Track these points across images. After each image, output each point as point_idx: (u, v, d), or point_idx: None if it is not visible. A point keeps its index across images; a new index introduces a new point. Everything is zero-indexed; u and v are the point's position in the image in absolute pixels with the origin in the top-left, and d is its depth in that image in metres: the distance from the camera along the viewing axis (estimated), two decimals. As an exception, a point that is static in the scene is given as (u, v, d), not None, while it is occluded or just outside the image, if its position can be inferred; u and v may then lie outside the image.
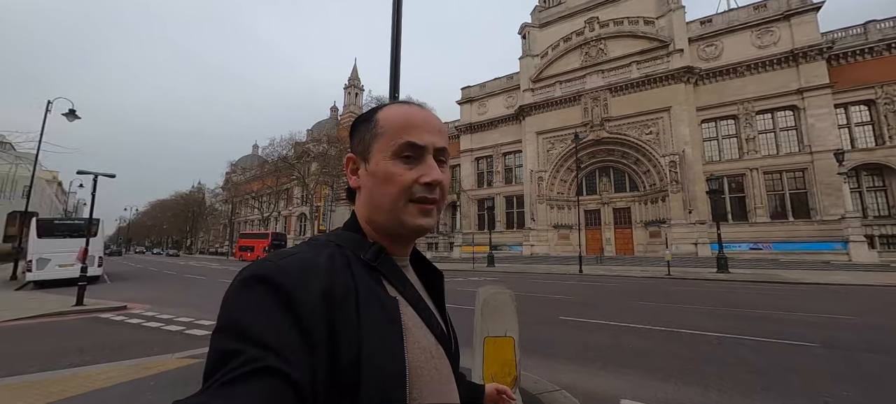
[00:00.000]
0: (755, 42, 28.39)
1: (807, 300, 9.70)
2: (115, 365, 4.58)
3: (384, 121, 0.63)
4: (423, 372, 0.55)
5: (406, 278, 0.63)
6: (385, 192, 0.60)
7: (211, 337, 0.44)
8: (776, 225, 26.44)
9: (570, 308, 8.58)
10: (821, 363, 4.58)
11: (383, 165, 0.61)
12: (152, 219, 77.26)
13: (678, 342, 5.61)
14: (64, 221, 17.71)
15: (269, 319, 0.44)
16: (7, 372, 4.29)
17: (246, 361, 0.40)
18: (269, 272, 0.47)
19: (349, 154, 0.66)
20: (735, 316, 7.55)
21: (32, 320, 7.80)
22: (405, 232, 0.62)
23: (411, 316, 0.58)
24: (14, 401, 3.38)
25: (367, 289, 0.54)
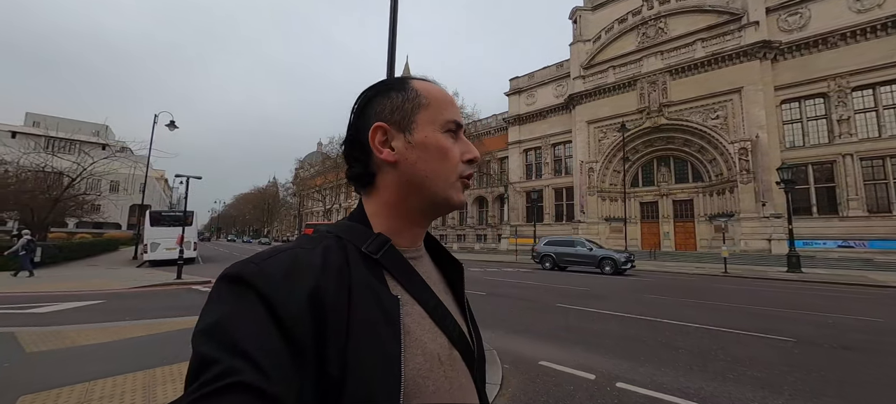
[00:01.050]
0: (853, 6, 24.73)
1: (865, 305, 9.12)
2: (197, 318, 6.45)
3: (426, 93, 0.59)
4: (428, 382, 0.49)
5: (415, 271, 0.57)
6: (439, 167, 0.57)
7: (192, 335, 0.42)
8: (874, 220, 23.14)
9: (576, 298, 9.13)
10: (782, 356, 4.88)
11: (435, 138, 0.58)
12: (237, 211, 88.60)
13: (652, 329, 6.08)
14: (169, 213, 21.84)
15: (248, 326, 0.41)
16: (138, 317, 6.48)
17: (222, 373, 0.37)
18: (249, 274, 0.45)
19: (379, 123, 0.58)
20: (743, 313, 7.60)
21: (150, 288, 10.55)
22: (447, 207, 0.59)
23: (418, 316, 0.53)
24: (142, 331, 5.25)
25: (362, 285, 0.49)
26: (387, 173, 0.58)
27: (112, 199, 35.60)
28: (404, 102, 0.58)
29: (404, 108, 0.58)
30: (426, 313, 0.54)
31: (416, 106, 0.58)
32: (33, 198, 19.25)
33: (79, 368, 3.79)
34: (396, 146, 0.57)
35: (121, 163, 23.49)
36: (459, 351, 0.56)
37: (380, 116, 0.58)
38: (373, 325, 0.47)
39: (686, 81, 29.01)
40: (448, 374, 0.53)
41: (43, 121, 44.54)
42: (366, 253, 0.53)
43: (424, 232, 0.63)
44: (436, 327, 0.54)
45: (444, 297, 0.60)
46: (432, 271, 0.62)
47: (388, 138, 0.57)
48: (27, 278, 11.71)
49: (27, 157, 22.66)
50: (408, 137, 0.57)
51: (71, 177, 21.45)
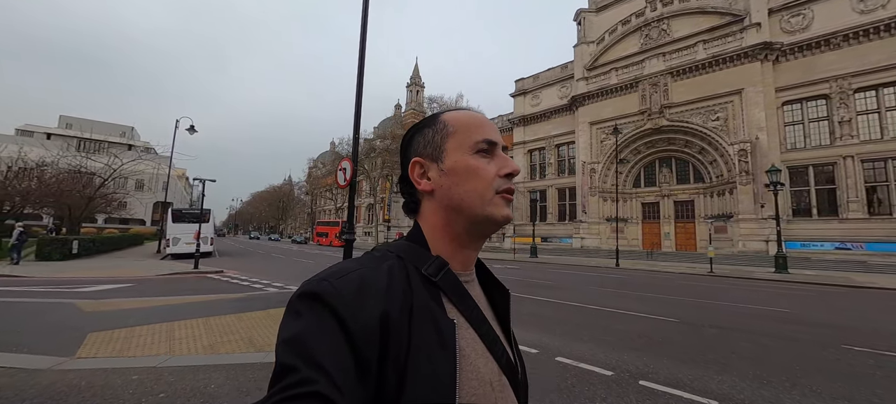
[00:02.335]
0: (856, 7, 24.83)
1: (791, 300, 10.09)
2: (207, 296, 8.05)
3: (453, 121, 0.64)
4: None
5: (469, 296, 0.59)
6: (472, 187, 0.60)
7: (276, 345, 0.46)
8: (874, 222, 23.33)
9: (537, 290, 10.41)
10: (654, 330, 6.09)
11: (465, 160, 0.61)
12: (253, 208, 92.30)
13: (581, 314, 7.34)
14: (189, 211, 23.94)
15: (324, 341, 0.45)
16: (162, 294, 8.14)
17: (300, 381, 0.41)
18: (325, 292, 0.48)
19: (415, 158, 0.64)
20: (665, 303, 8.74)
21: (171, 276, 12.43)
22: (491, 225, 0.62)
23: (472, 340, 0.55)
24: (164, 303, 6.87)
25: (422, 307, 0.52)
26: (428, 201, 0.64)
27: (137, 197, 38.44)
28: (434, 135, 0.64)
29: (434, 141, 0.64)
30: (479, 337, 0.56)
31: (445, 135, 0.63)
32: (70, 197, 21.61)
33: (123, 320, 5.42)
34: (432, 176, 0.63)
35: (146, 164, 25.82)
36: (507, 377, 0.58)
37: (415, 152, 0.65)
38: (430, 347, 0.50)
39: (687, 83, 29.51)
40: (498, 400, 0.54)
41: (75, 123, 48.07)
42: (426, 275, 0.57)
43: (476, 256, 0.66)
44: (487, 352, 0.56)
45: (492, 323, 0.62)
46: (481, 296, 0.65)
47: (425, 170, 0.63)
48: (14, 265, 13.17)
49: (64, 159, 25.22)
50: (440, 166, 0.62)
51: (102, 178, 23.79)
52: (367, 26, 6.67)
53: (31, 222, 30.87)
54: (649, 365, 4.28)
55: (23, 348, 4.24)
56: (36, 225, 32.28)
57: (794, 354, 4.82)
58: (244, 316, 6.01)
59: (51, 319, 5.69)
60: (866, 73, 24.13)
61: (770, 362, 4.48)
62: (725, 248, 27.20)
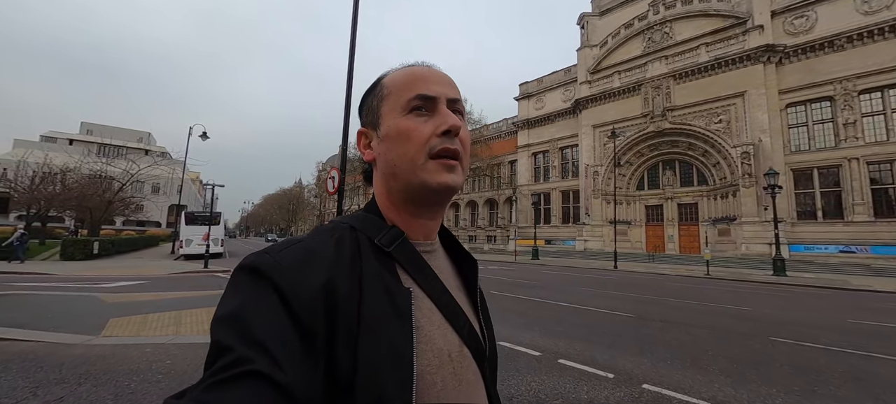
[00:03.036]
0: (860, 8, 24.85)
1: (765, 300, 10.59)
2: (213, 291, 9.05)
3: (389, 82, 0.61)
4: (437, 377, 0.50)
5: (427, 265, 0.57)
6: (402, 151, 0.56)
7: (210, 323, 0.44)
8: (880, 224, 23.26)
9: (520, 289, 11.14)
10: (608, 324, 6.77)
11: (396, 123, 0.57)
12: (264, 211, 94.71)
13: (546, 309, 8.05)
14: (201, 213, 25.30)
15: (263, 316, 0.42)
16: (173, 290, 9.14)
17: (236, 361, 0.39)
18: (264, 265, 0.46)
19: (360, 129, 0.63)
20: (639, 302, 9.36)
21: (182, 274, 13.58)
22: (428, 193, 0.57)
23: (428, 310, 0.53)
24: (175, 296, 7.85)
25: (374, 277, 0.50)
26: (375, 171, 0.62)
27: (153, 200, 40.29)
28: (373, 100, 0.62)
29: (373, 107, 0.61)
30: (437, 308, 0.55)
31: (380, 99, 0.60)
32: (91, 201, 23.14)
33: (138, 309, 6.41)
34: (374, 145, 0.61)
35: (162, 169, 27.35)
36: (470, 349, 0.56)
37: (362, 121, 0.64)
38: (383, 318, 0.48)
39: (690, 85, 29.75)
40: (457, 371, 0.52)
41: (95, 129, 50.51)
42: (378, 245, 0.54)
43: (436, 224, 0.64)
44: (446, 323, 0.55)
45: (457, 293, 0.60)
46: (446, 266, 0.63)
47: (368, 139, 0.62)
48: (18, 264, 14.40)
49: (86, 164, 26.90)
50: (378, 133, 0.60)
51: (121, 183, 25.33)
52: (355, 44, 7.52)
53: (54, 224, 32.82)
54: (576, 349, 5.02)
55: (59, 330, 5.20)
56: (59, 226, 34.26)
57: (716, 343, 5.48)
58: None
59: (79, 308, 6.70)
60: (871, 75, 24.11)
61: (688, 348, 5.16)
62: (729, 251, 27.35)
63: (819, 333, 6.22)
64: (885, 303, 10.19)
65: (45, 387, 3.38)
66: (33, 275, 11.67)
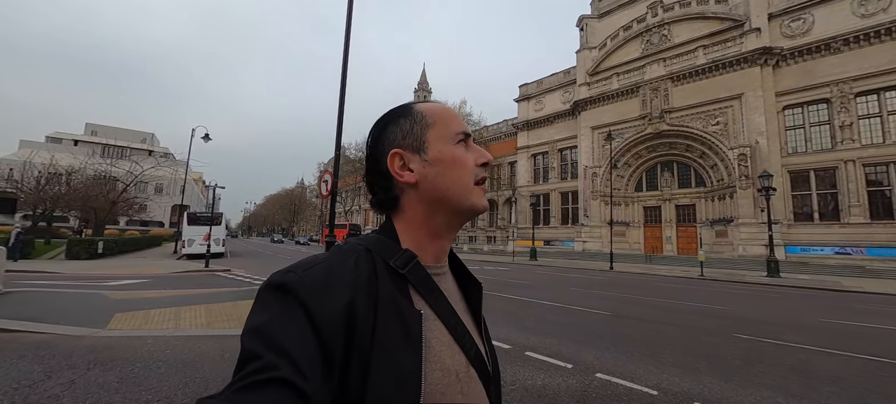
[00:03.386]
0: (857, 11, 25.08)
1: (742, 299, 10.93)
2: (212, 289, 9.49)
3: (430, 112, 0.66)
4: (445, 397, 0.52)
5: (438, 288, 0.60)
6: (457, 177, 0.62)
7: (241, 334, 0.47)
8: (876, 226, 23.47)
9: (511, 288, 11.54)
10: (584, 322, 7.15)
11: (450, 150, 0.63)
12: (267, 211, 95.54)
13: (529, 307, 8.43)
14: (203, 214, 25.83)
15: (289, 329, 0.46)
16: (175, 288, 9.60)
17: (263, 368, 0.42)
18: (291, 283, 0.49)
19: (395, 150, 0.63)
20: (619, 301, 9.72)
21: (184, 273, 14.05)
22: (472, 214, 0.64)
23: (439, 332, 0.56)
24: (176, 294, 8.29)
25: (388, 299, 0.53)
26: (410, 194, 0.63)
27: (156, 201, 40.92)
28: (412, 126, 0.64)
29: (414, 131, 0.64)
30: (447, 329, 0.57)
31: (424, 126, 0.64)
32: (96, 201, 23.72)
33: (141, 306, 6.85)
34: (414, 167, 0.63)
35: (165, 170, 27.91)
36: (476, 370, 0.59)
37: (394, 143, 0.64)
38: (395, 339, 0.50)
39: (687, 88, 30.02)
40: (464, 391, 0.55)
41: (100, 130, 51.29)
42: (393, 267, 0.57)
43: (449, 245, 0.68)
44: (455, 344, 0.57)
45: (464, 316, 0.63)
46: (454, 289, 0.66)
47: (405, 162, 0.63)
48: (13, 263, 14.48)
49: (91, 166, 27.51)
50: (423, 157, 0.63)
51: (125, 184, 25.90)
52: (348, 54, 7.93)
53: (59, 224, 33.46)
54: (546, 343, 5.40)
55: (68, 323, 5.64)
56: (63, 226, 34.93)
57: (680, 339, 5.85)
58: (238, 304, 7.37)
59: (86, 304, 7.16)
60: (867, 77, 24.33)
61: (652, 343, 5.53)
62: (726, 253, 27.61)
63: (785, 331, 6.57)
64: (867, 305, 10.50)
65: (58, 372, 3.81)
66: (41, 274, 12.17)
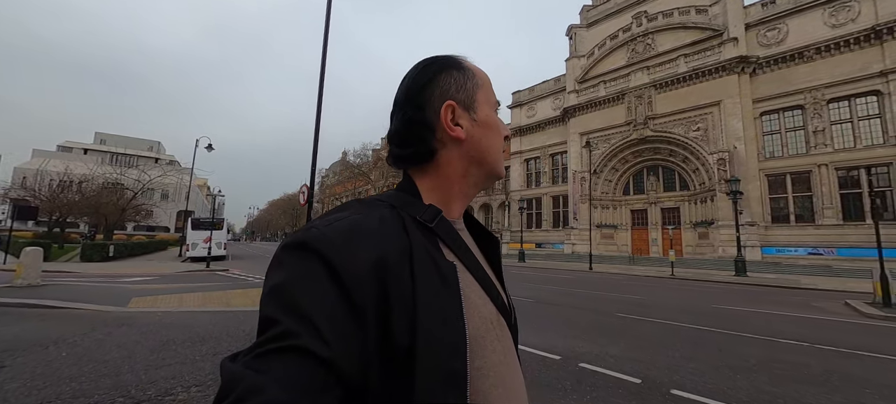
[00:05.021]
0: (828, 21, 26.46)
1: (674, 292, 12.44)
2: (210, 283, 11.22)
3: (479, 74, 0.66)
4: (486, 342, 0.53)
5: (464, 243, 0.61)
6: (495, 143, 0.65)
7: (260, 298, 0.46)
8: (848, 228, 24.72)
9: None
10: (518, 307, 8.74)
11: (493, 116, 0.65)
12: (269, 215, 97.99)
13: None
14: (206, 219, 27.73)
15: (310, 288, 0.44)
16: (178, 283, 11.33)
17: (282, 334, 0.41)
18: (312, 239, 0.47)
19: (450, 101, 0.62)
20: (573, 295, 11.28)
21: (187, 272, 15.92)
22: (497, 178, 0.68)
23: (470, 282, 0.57)
24: (179, 287, 10.03)
25: (422, 250, 0.52)
26: (451, 150, 0.62)
27: (162, 207, 43.07)
28: (466, 81, 0.64)
29: (467, 88, 0.64)
30: (476, 280, 0.58)
31: (476, 86, 0.64)
32: (106, 208, 25.74)
33: (152, 292, 8.59)
34: (463, 124, 0.62)
35: (171, 177, 29.93)
36: (504, 318, 0.61)
37: (447, 94, 0.62)
38: (435, 288, 0.50)
39: (670, 95, 31.48)
40: (499, 337, 0.57)
41: (108, 139, 53.77)
42: (421, 221, 0.57)
43: (465, 206, 0.68)
44: (485, 294, 0.59)
45: (486, 268, 0.64)
46: (472, 244, 0.66)
47: (455, 116, 0.62)
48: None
49: (101, 175, 29.62)
50: (473, 116, 0.63)
51: (133, 191, 27.94)
52: (324, 72, 9.63)
53: (71, 230, 35.64)
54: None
55: (100, 304, 7.37)
56: (74, 232, 37.13)
57: (577, 317, 7.45)
58: (229, 293, 9.12)
59: (109, 292, 8.95)
60: (839, 85, 25.65)
61: (552, 319, 7.13)
62: (708, 254, 28.92)
63: (665, 312, 8.17)
64: (789, 298, 11.93)
65: (98, 329, 5.50)
66: (65, 273, 14.02)
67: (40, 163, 42.86)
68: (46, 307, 6.79)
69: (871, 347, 5.51)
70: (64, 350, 4.38)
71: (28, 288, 8.76)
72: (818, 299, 11.09)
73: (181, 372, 3.72)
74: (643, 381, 3.86)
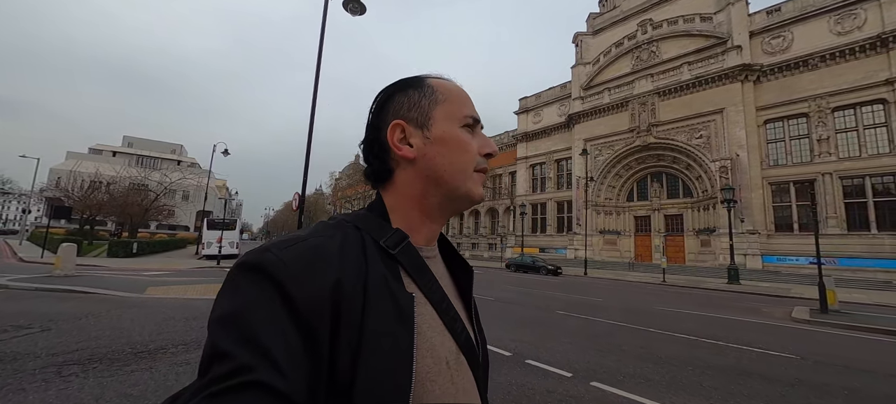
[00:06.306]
0: (833, 28, 26.52)
1: (662, 297, 13.28)
2: (217, 277, 12.73)
3: (443, 89, 0.64)
4: (435, 385, 0.51)
5: (430, 271, 0.58)
6: (458, 160, 0.61)
7: (209, 321, 0.43)
8: (851, 237, 24.73)
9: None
10: (486, 308, 9.83)
11: (455, 132, 0.61)
12: (285, 216, 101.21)
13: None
14: (220, 220, 29.76)
15: (266, 318, 0.42)
16: (191, 276, 12.94)
17: (235, 371, 0.38)
18: (268, 263, 0.45)
19: (397, 120, 0.61)
20: (545, 297, 12.28)
21: (199, 268, 17.65)
22: (466, 203, 0.63)
23: (429, 316, 0.54)
24: (188, 280, 11.56)
25: (378, 279, 0.50)
26: (405, 169, 0.61)
27: (183, 207, 45.78)
28: (421, 99, 0.62)
29: (421, 105, 0.62)
30: (437, 314, 0.56)
31: (433, 102, 0.62)
32: (132, 208, 28.04)
33: (165, 283, 10.11)
34: (415, 142, 0.60)
35: (191, 179, 32.18)
36: (466, 356, 0.58)
37: (397, 114, 0.61)
38: (387, 322, 0.48)
39: (673, 102, 31.87)
40: (454, 379, 0.54)
41: (135, 142, 57.31)
42: (384, 247, 0.55)
43: (440, 230, 0.66)
44: (445, 330, 0.56)
45: (454, 300, 0.61)
46: (444, 272, 0.64)
47: (407, 135, 0.61)
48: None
49: (127, 177, 32.12)
50: (426, 133, 0.61)
51: (156, 193, 30.25)
52: (318, 86, 10.97)
53: (99, 228, 38.45)
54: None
55: (122, 291, 8.90)
56: (102, 229, 40.03)
57: (534, 315, 8.51)
58: (231, 285, 10.57)
59: (130, 281, 10.54)
60: (844, 93, 25.68)
61: (511, 318, 8.21)
62: (709, 261, 29.15)
63: (613, 313, 9.13)
64: (749, 304, 12.61)
65: (118, 308, 6.93)
66: (94, 267, 15.89)
67: (73, 164, 46.26)
68: (80, 292, 8.35)
69: (770, 345, 6.39)
70: (92, 320, 5.79)
71: (65, 277, 10.43)
72: (772, 306, 11.75)
73: (173, 338, 5.06)
74: (574, 375, 4.38)
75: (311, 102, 10.29)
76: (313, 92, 10.17)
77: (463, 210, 0.65)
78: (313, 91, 10.16)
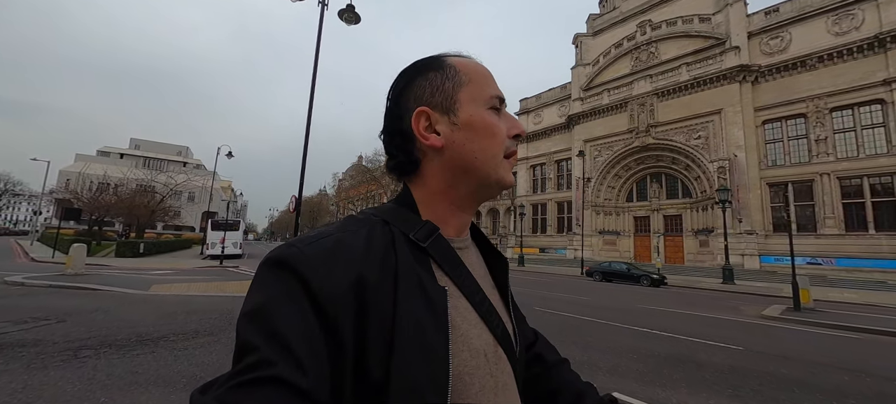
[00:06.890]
0: (831, 29, 26.72)
1: (652, 296, 13.77)
2: (217, 277, 13.44)
3: (466, 69, 0.60)
4: (474, 378, 0.49)
5: (462, 264, 0.57)
6: (488, 146, 0.58)
7: (238, 318, 0.44)
8: (849, 238, 24.94)
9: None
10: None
11: (482, 115, 0.58)
12: (289, 217, 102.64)
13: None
14: (224, 221, 30.61)
15: (289, 313, 0.42)
16: (194, 274, 13.69)
17: (259, 363, 0.39)
18: (292, 258, 0.46)
19: (422, 107, 0.58)
20: (544, 297, 12.82)
21: (203, 267, 18.39)
22: (498, 189, 0.60)
23: (464, 309, 0.53)
24: (190, 278, 12.27)
25: (409, 273, 0.49)
26: (433, 159, 0.59)
27: (188, 208, 46.85)
28: (444, 82, 0.59)
29: (445, 88, 0.58)
30: (472, 307, 0.54)
31: (458, 84, 0.59)
32: (139, 209, 28.99)
33: (168, 281, 10.81)
34: (441, 130, 0.58)
35: (196, 181, 33.08)
36: (503, 349, 0.56)
37: (420, 100, 0.58)
38: (419, 316, 0.47)
39: (672, 103, 32.18)
40: (493, 372, 0.52)
41: (142, 144, 58.60)
42: (414, 240, 0.54)
43: (470, 219, 0.64)
44: (481, 322, 0.54)
45: (490, 292, 0.60)
46: (478, 264, 0.62)
47: (432, 123, 0.58)
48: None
49: (134, 179, 33.13)
50: (452, 119, 0.58)
51: (162, 195, 31.19)
52: (314, 91, 11.61)
53: (107, 228, 39.57)
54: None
55: (129, 288, 9.60)
56: (110, 230, 41.18)
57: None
58: (228, 283, 11.35)
59: (136, 279, 11.29)
60: (842, 93, 25.87)
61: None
62: (707, 262, 29.44)
63: (585, 309, 9.66)
64: (730, 302, 13.02)
65: (125, 303, 7.62)
66: (102, 266, 16.71)
67: (82, 166, 47.56)
68: (90, 288, 9.11)
69: (722, 339, 6.89)
70: (101, 314, 6.47)
71: (76, 275, 11.22)
72: (753, 305, 12.15)
73: (173, 328, 5.71)
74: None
75: (308, 107, 10.85)
76: (310, 96, 10.64)
77: (494, 197, 0.65)
78: (310, 95, 10.62)
